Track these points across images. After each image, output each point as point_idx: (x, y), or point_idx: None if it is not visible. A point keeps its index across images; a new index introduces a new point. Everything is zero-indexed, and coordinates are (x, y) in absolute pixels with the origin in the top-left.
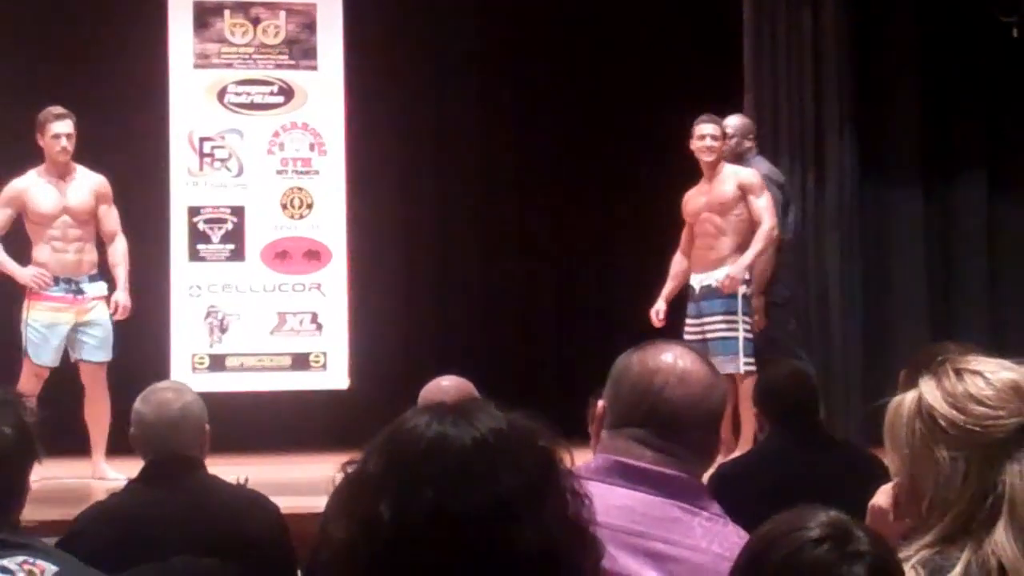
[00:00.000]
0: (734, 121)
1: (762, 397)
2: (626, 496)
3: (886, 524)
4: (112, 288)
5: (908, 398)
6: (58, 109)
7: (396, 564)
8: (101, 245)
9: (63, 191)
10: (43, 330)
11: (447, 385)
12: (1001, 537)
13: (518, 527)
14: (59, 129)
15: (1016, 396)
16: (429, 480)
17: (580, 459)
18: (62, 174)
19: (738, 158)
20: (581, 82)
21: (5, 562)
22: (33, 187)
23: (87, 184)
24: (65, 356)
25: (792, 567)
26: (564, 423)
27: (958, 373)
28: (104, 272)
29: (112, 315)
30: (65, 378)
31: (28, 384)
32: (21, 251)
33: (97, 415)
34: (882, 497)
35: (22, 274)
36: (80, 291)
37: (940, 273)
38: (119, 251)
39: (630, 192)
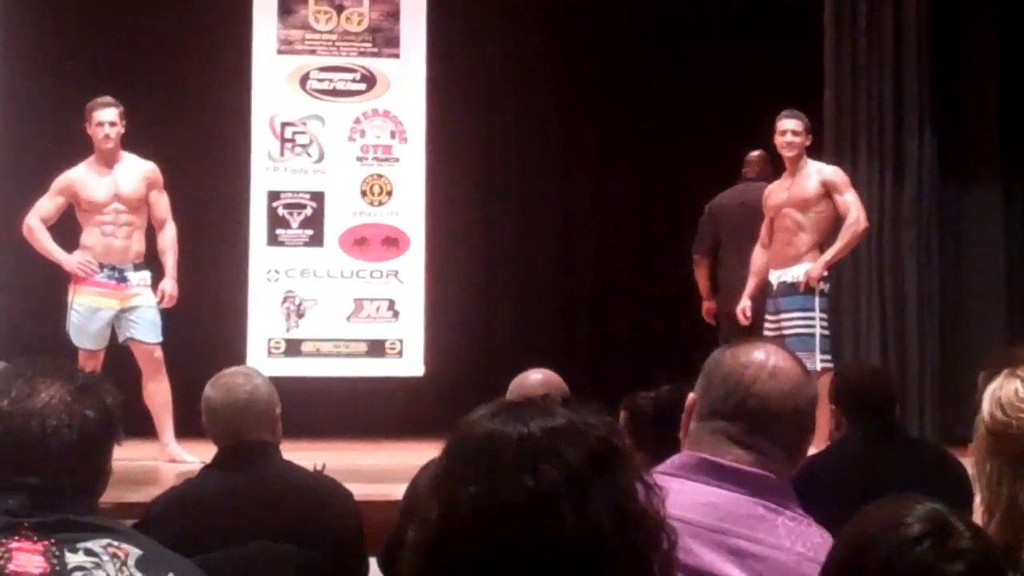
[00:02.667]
0: None
1: (840, 395)
2: (710, 493)
3: None
4: (156, 277)
5: None
6: (105, 98)
7: (443, 562)
8: (149, 235)
9: (113, 179)
10: (86, 314)
11: (535, 379)
12: None
13: (557, 519)
14: (103, 117)
15: None
16: (473, 479)
17: None
18: (109, 162)
19: None
20: (662, 77)
21: (90, 544)
22: (84, 176)
23: (137, 171)
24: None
25: (894, 567)
26: None
27: (1010, 376)
28: (150, 263)
29: (158, 303)
30: (127, 361)
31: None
32: (68, 237)
33: (157, 397)
34: None
35: (68, 261)
36: (124, 279)
37: (1019, 273)
38: (168, 238)
39: (713, 186)
